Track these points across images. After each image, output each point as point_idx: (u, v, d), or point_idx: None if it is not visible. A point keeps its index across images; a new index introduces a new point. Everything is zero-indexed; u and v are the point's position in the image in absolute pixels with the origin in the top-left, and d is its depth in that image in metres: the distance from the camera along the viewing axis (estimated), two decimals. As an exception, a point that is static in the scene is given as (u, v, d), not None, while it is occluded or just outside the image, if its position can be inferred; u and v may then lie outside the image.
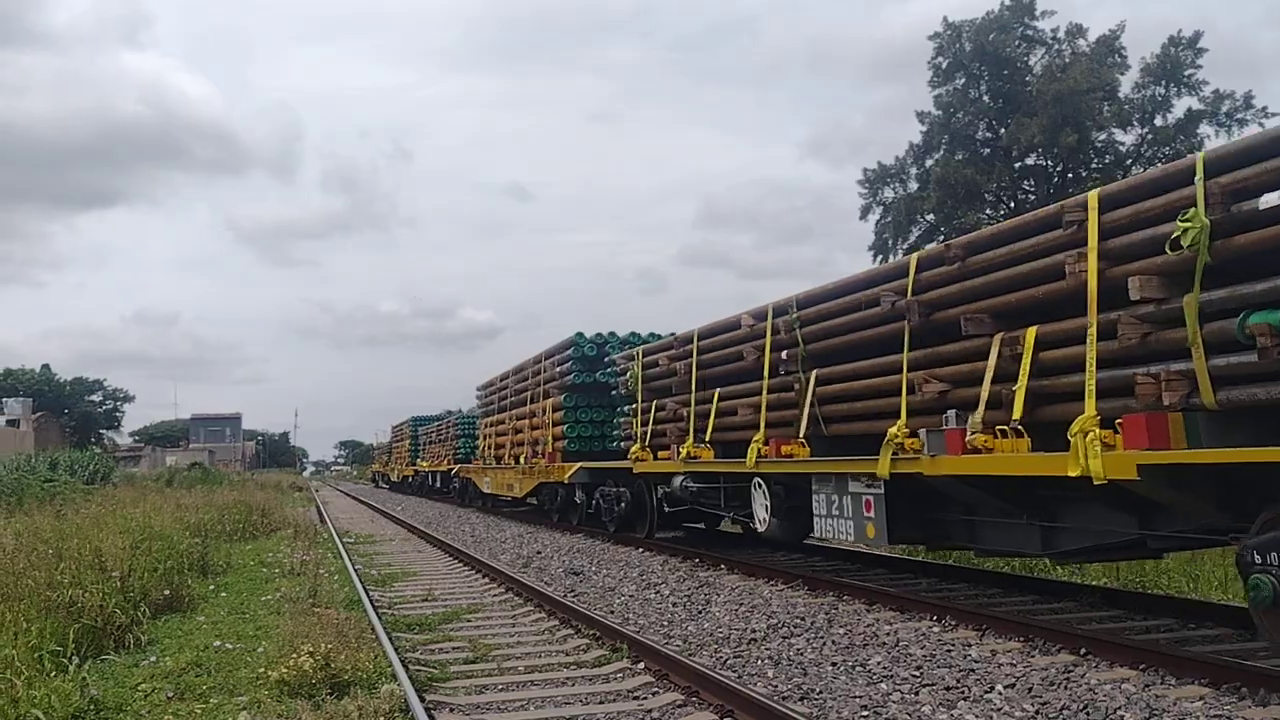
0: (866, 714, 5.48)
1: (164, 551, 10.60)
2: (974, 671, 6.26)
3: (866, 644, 7.24)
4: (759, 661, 6.88)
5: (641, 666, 6.75)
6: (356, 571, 12.15)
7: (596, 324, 18.90)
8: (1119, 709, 5.32)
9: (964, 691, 5.84)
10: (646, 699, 5.98)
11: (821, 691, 5.98)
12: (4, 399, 79.77)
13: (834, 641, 7.36)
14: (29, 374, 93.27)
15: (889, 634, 7.50)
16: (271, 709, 5.70)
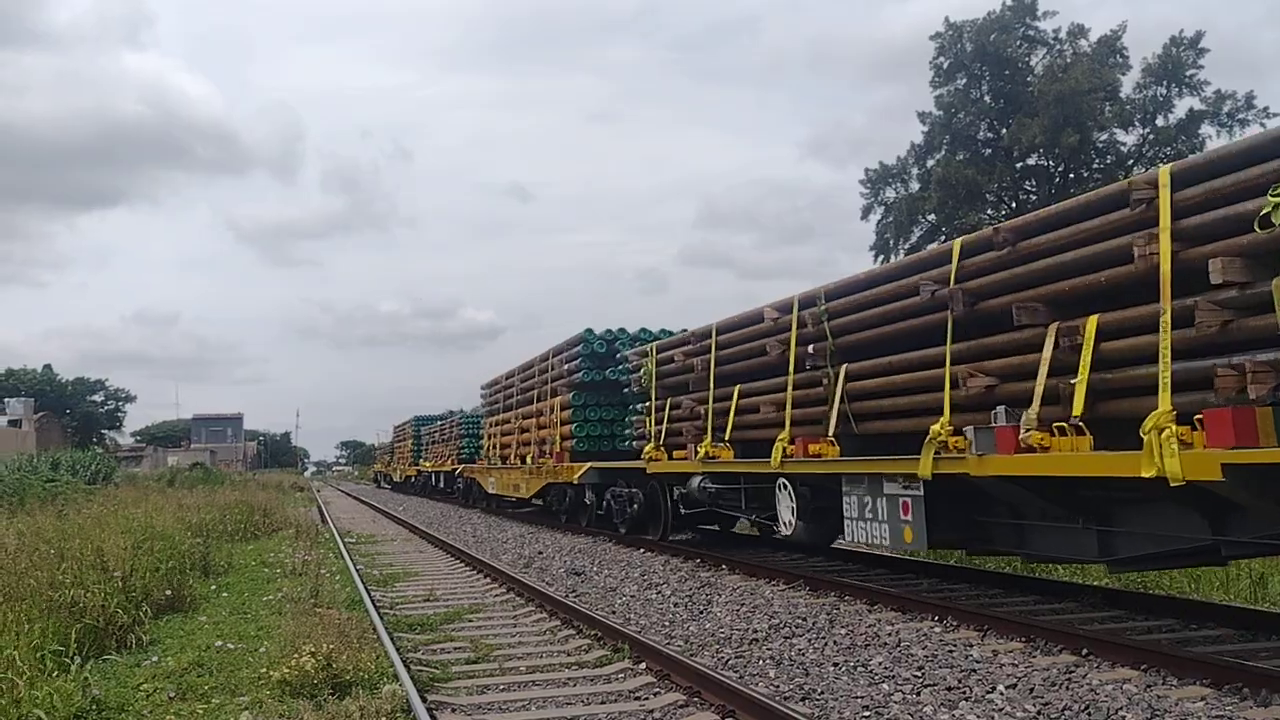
0: (868, 714, 5.48)
1: (166, 551, 10.60)
2: (975, 672, 6.26)
3: (868, 644, 7.24)
4: (760, 662, 6.88)
5: (643, 667, 6.75)
6: (358, 571, 12.15)
7: (598, 324, 18.48)
8: (1120, 709, 5.32)
9: (965, 692, 5.84)
10: (648, 699, 5.98)
11: (823, 692, 5.99)
12: (6, 399, 79.79)
13: (835, 642, 7.36)
14: (31, 374, 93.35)
15: (890, 634, 7.50)
16: (273, 709, 5.71)
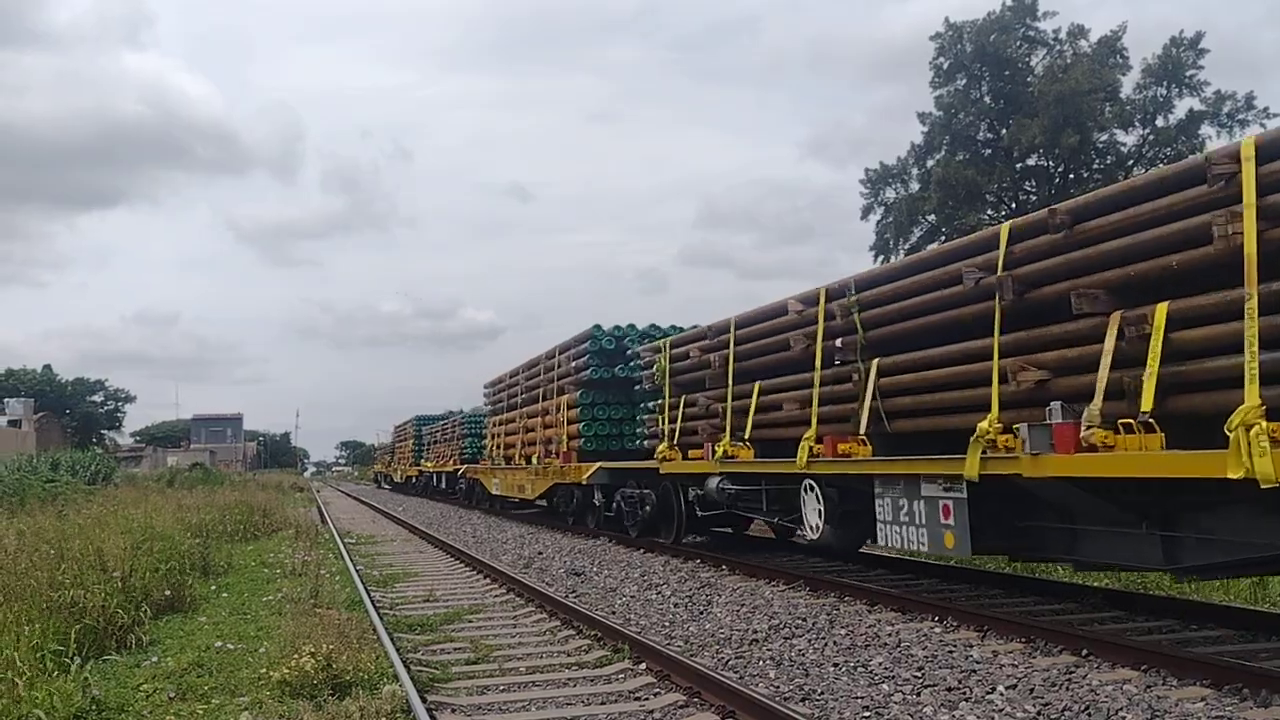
0: (868, 715, 5.49)
1: (165, 552, 10.60)
2: (975, 672, 6.26)
3: (868, 645, 7.24)
4: (761, 662, 6.88)
5: (643, 667, 6.75)
6: (358, 572, 12.15)
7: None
8: (1121, 710, 5.32)
9: (966, 692, 5.84)
10: (648, 700, 5.98)
11: (823, 692, 5.99)
12: (5, 399, 79.75)
13: (836, 642, 7.36)
14: (30, 374, 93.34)
15: (890, 635, 7.50)
16: (273, 709, 5.71)
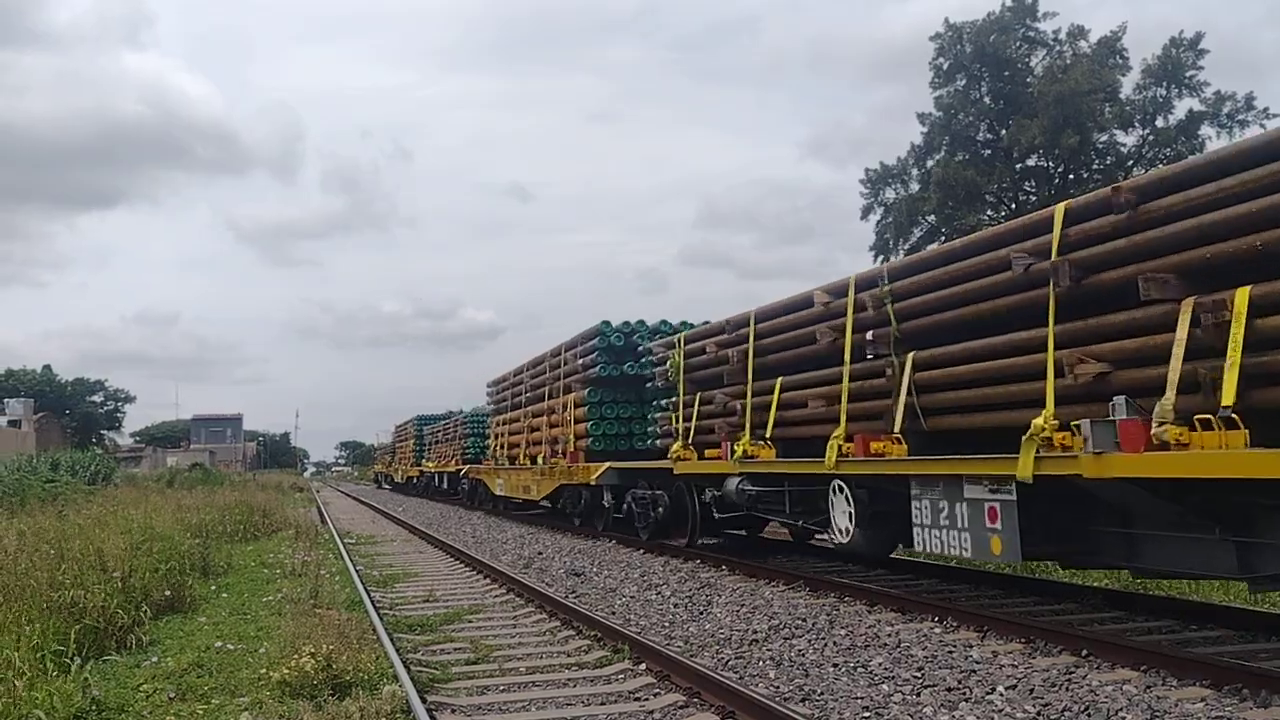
0: (868, 715, 5.49)
1: (165, 552, 10.60)
2: (975, 673, 6.26)
3: (868, 645, 7.24)
4: (760, 663, 6.88)
5: (643, 667, 6.75)
6: (358, 572, 12.15)
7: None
8: (1120, 710, 5.33)
9: (965, 693, 5.84)
10: (648, 700, 5.98)
11: (823, 693, 5.99)
12: (5, 399, 79.79)
13: (835, 643, 7.36)
14: (30, 374, 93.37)
15: (890, 635, 7.50)
16: (273, 710, 5.70)
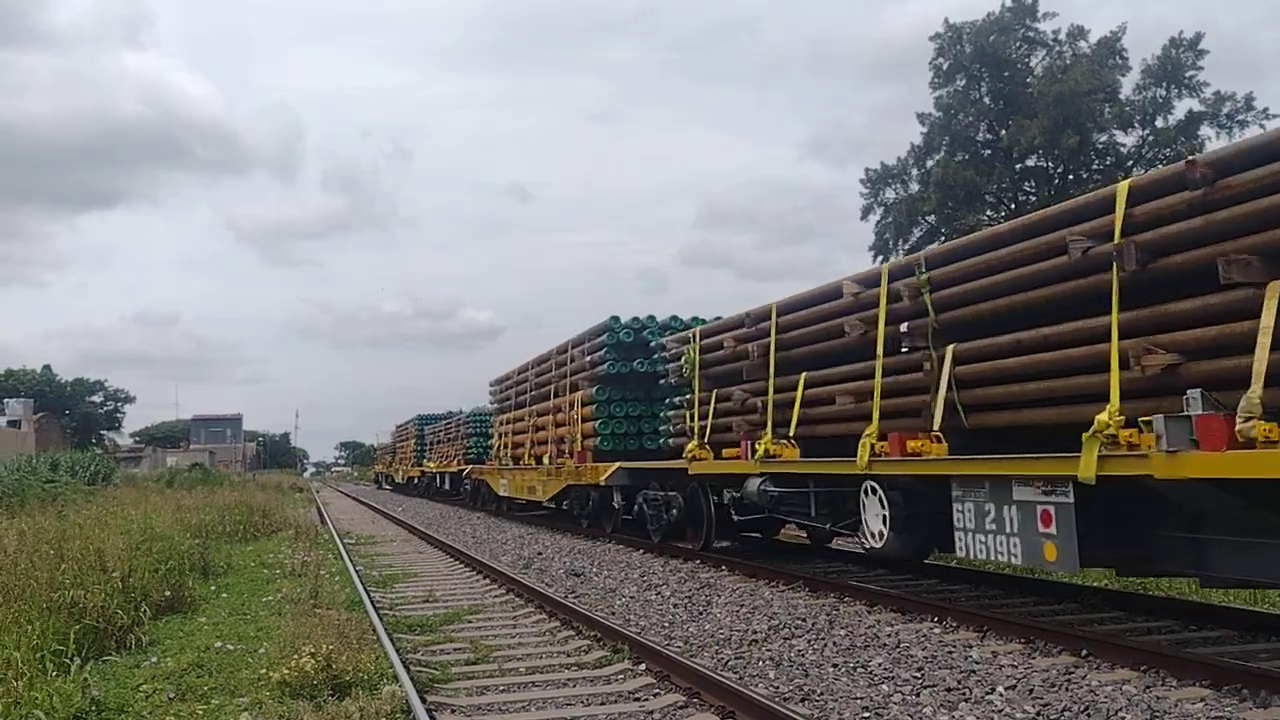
0: (868, 715, 5.49)
1: (165, 552, 10.59)
2: (975, 673, 6.26)
3: (868, 645, 7.24)
4: (760, 663, 6.88)
5: (643, 668, 6.75)
6: (357, 572, 12.15)
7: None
8: (1120, 710, 5.33)
9: (965, 693, 5.84)
10: (648, 700, 5.98)
11: (823, 693, 5.99)
12: (5, 399, 79.80)
13: (835, 643, 7.36)
14: (30, 374, 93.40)
15: (890, 635, 7.50)
16: (273, 710, 5.70)
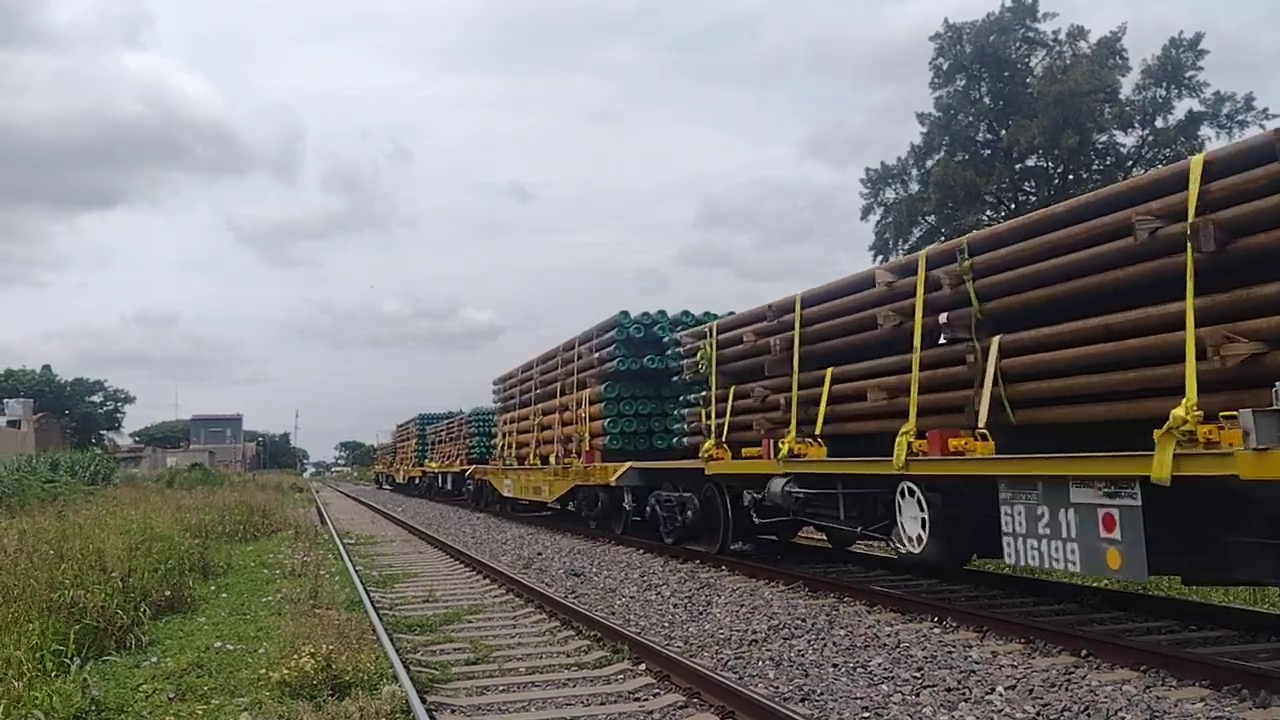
0: (868, 715, 5.49)
1: (165, 552, 10.59)
2: (975, 673, 6.26)
3: (868, 645, 7.24)
4: (760, 663, 6.88)
5: (643, 668, 6.75)
6: (357, 572, 12.15)
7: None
8: (1120, 710, 5.33)
9: (965, 693, 5.84)
10: (648, 700, 5.98)
11: (823, 693, 5.99)
12: (5, 400, 79.79)
13: (835, 643, 7.37)
14: (30, 374, 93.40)
15: (890, 635, 7.51)
16: (273, 710, 5.70)
